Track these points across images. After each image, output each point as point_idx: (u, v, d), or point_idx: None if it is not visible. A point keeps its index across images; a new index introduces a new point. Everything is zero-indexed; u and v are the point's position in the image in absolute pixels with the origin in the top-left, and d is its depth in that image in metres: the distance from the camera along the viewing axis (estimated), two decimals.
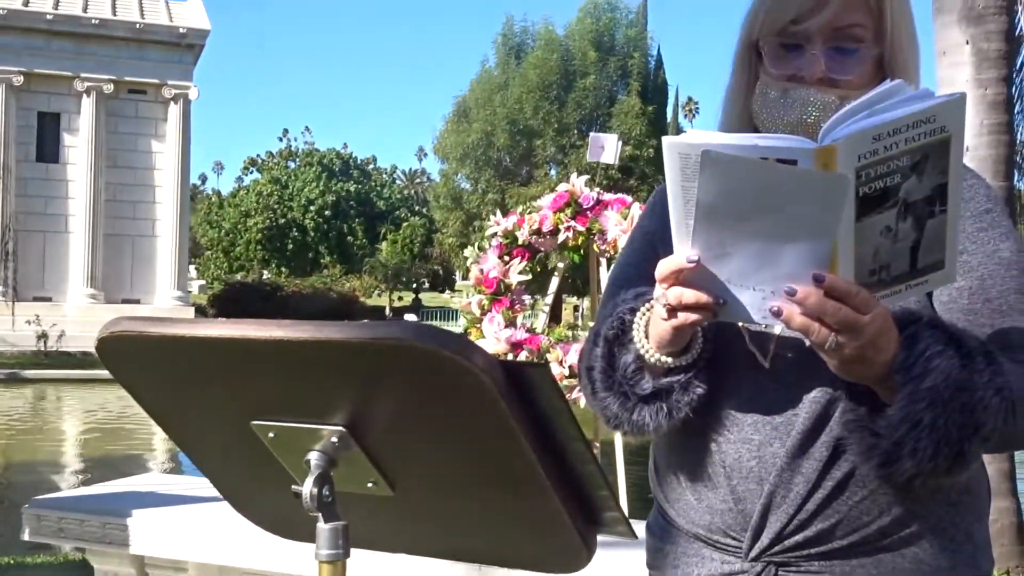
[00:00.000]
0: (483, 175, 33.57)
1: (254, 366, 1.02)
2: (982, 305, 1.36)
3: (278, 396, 1.06)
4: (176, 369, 1.07)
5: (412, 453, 1.08)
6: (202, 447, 1.22)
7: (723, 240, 1.18)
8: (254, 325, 0.98)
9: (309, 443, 1.07)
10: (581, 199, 4.66)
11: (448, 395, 0.97)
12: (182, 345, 1.02)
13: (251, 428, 1.09)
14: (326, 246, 57.33)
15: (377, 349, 0.94)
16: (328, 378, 1.01)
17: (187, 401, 1.12)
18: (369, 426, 1.05)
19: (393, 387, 1.00)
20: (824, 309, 1.16)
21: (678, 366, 1.33)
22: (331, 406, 1.04)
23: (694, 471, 1.42)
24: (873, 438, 1.24)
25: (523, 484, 1.04)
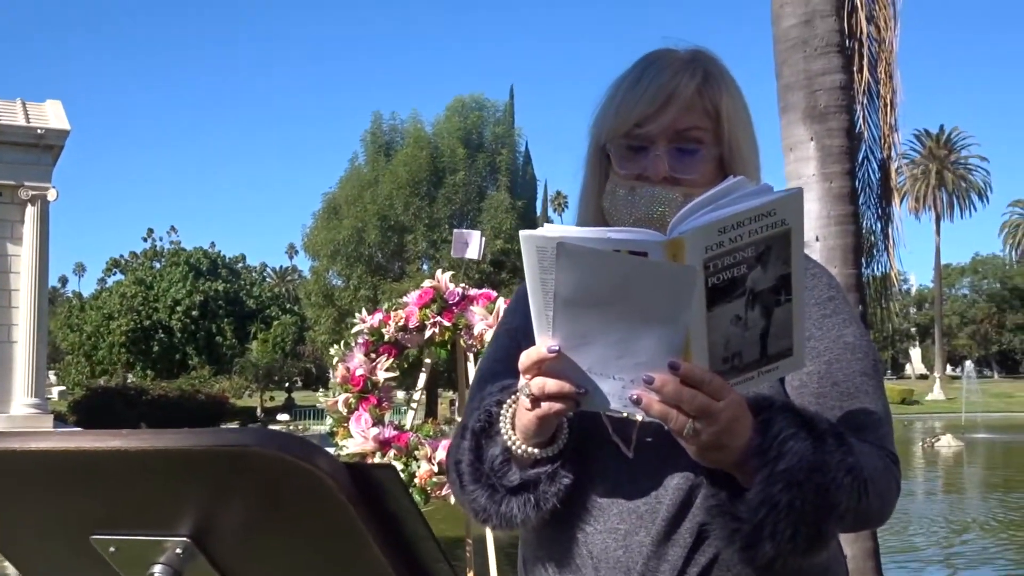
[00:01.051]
0: (355, 271, 33.46)
1: (92, 478, 0.99)
2: (830, 388, 1.43)
3: (119, 508, 1.03)
4: (8, 484, 1.03)
5: (261, 561, 1.05)
6: (37, 563, 1.17)
7: (582, 330, 1.21)
8: (91, 436, 0.96)
9: (153, 555, 1.03)
10: (447, 295, 4.70)
11: (294, 500, 0.96)
12: (14, 459, 0.98)
13: (91, 543, 1.05)
14: (194, 347, 55.87)
15: (219, 456, 0.93)
16: (170, 487, 0.98)
17: (21, 516, 1.08)
18: (215, 535, 1.02)
19: (238, 494, 0.98)
20: (680, 396, 1.20)
21: (544, 457, 1.35)
22: (175, 516, 1.01)
23: (561, 562, 1.42)
24: (734, 522, 1.27)
25: None
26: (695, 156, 1.44)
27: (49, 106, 28.69)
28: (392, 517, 0.99)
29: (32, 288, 27.27)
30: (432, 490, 4.30)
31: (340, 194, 34.54)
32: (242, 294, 61.26)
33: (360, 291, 32.29)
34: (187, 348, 55.85)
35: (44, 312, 28.05)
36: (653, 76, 1.44)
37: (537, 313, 1.25)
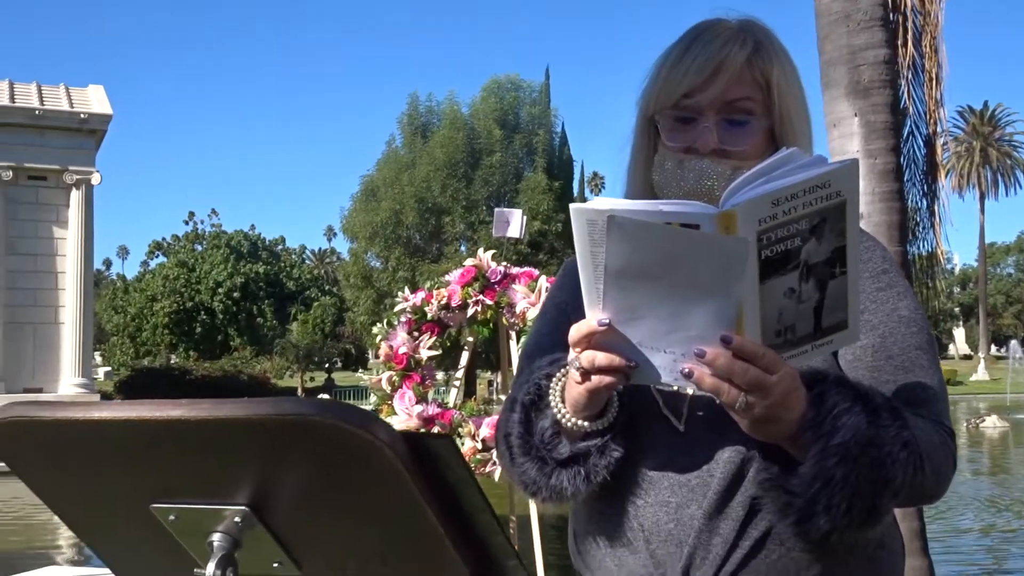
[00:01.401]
0: (393, 253, 33.56)
1: (152, 448, 1.00)
2: (885, 362, 1.41)
3: (178, 477, 1.04)
4: (72, 454, 1.05)
5: (318, 531, 1.06)
6: (101, 533, 1.19)
7: (633, 303, 1.20)
8: (151, 406, 0.97)
9: (211, 524, 1.05)
10: (488, 273, 4.69)
11: (351, 470, 0.97)
12: (77, 429, 1.00)
13: (151, 511, 1.06)
14: (235, 328, 56.38)
15: (277, 426, 0.94)
16: (229, 457, 0.99)
17: (84, 487, 1.09)
18: (273, 504, 1.03)
19: (295, 464, 0.99)
20: (732, 370, 1.19)
21: (594, 430, 1.35)
22: (233, 485, 1.03)
23: (613, 536, 1.42)
24: (787, 496, 1.26)
25: (431, 557, 1.04)
26: (744, 128, 1.43)
27: (92, 91, 28.97)
28: (449, 487, 1.00)
29: (78, 271, 27.65)
30: (476, 467, 4.31)
31: (378, 176, 34.61)
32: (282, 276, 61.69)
33: (398, 272, 32.39)
34: (229, 329, 56.36)
35: (90, 294, 28.43)
36: (702, 46, 1.42)
37: (587, 286, 1.24)
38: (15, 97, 27.87)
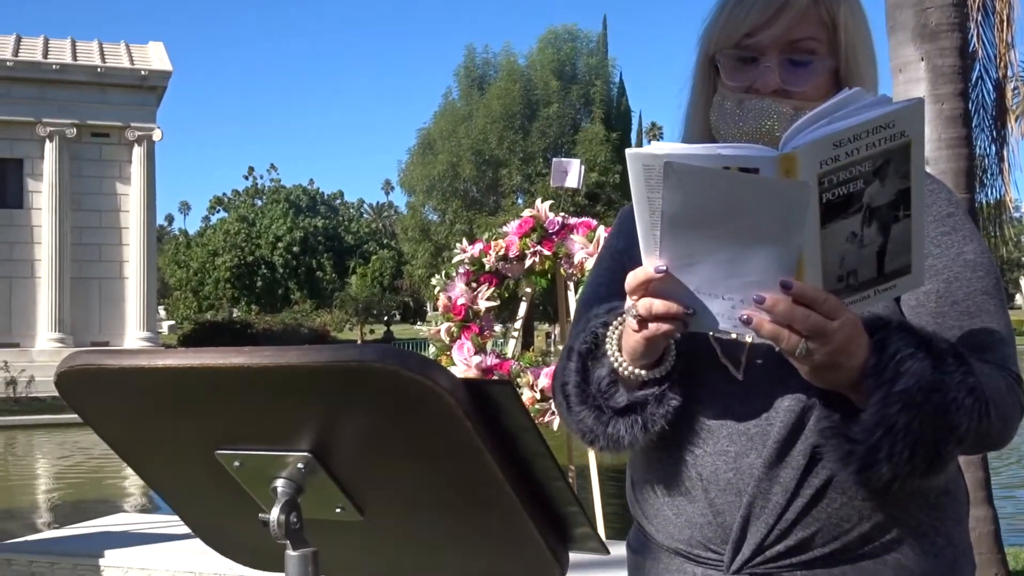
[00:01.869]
0: (450, 206, 33.59)
1: (216, 394, 1.02)
2: (950, 308, 1.38)
3: (242, 424, 1.05)
4: (137, 401, 1.06)
5: (379, 477, 1.07)
6: (167, 480, 1.21)
7: (690, 250, 1.18)
8: (214, 353, 0.98)
9: (275, 470, 1.06)
10: (546, 224, 4.68)
11: (412, 416, 0.97)
12: (142, 376, 1.01)
13: (216, 458, 1.08)
14: (295, 282, 57.04)
15: (339, 372, 0.94)
16: (292, 403, 1.00)
17: (150, 433, 1.11)
18: (335, 451, 1.04)
19: (357, 410, 0.99)
20: (793, 316, 1.17)
21: (652, 379, 1.34)
22: (296, 432, 1.04)
23: (671, 485, 1.41)
24: (849, 444, 1.24)
25: (492, 503, 1.04)
26: (807, 68, 1.39)
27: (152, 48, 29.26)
28: (508, 434, 1.00)
29: (141, 226, 28.11)
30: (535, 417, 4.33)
31: (435, 129, 34.57)
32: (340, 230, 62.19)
33: (456, 225, 32.44)
34: (289, 283, 57.04)
35: (153, 249, 28.91)
36: None
37: (644, 233, 1.22)
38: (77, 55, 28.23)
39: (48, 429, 20.20)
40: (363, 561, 1.24)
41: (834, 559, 1.33)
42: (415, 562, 1.21)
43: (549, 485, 1.05)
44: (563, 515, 1.08)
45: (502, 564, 1.15)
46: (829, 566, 1.33)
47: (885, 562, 1.34)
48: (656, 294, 1.22)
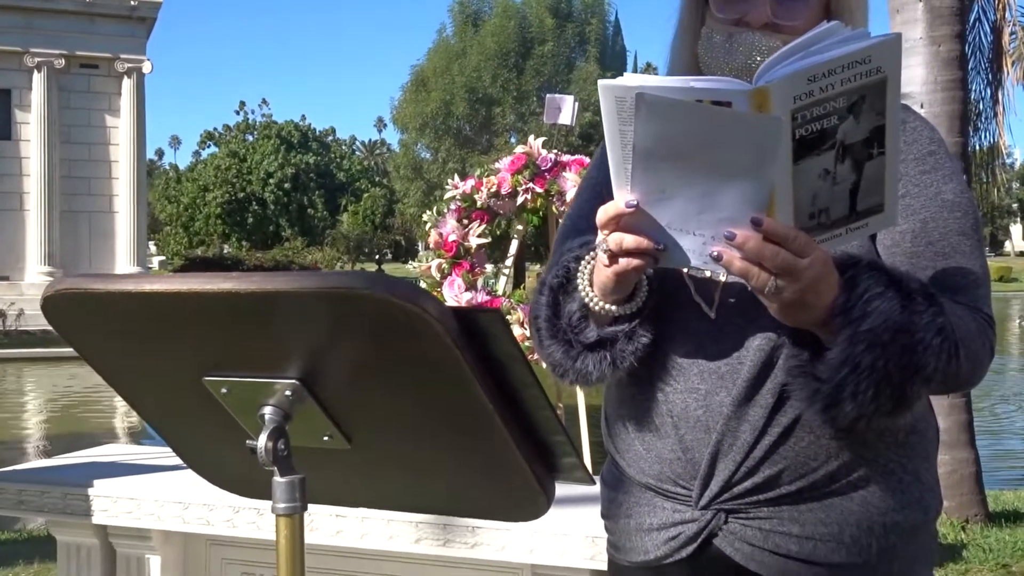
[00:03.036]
0: (443, 144, 33.41)
1: (203, 320, 1.01)
2: (925, 248, 1.37)
3: (229, 350, 1.05)
4: (124, 326, 1.06)
5: (367, 405, 1.07)
6: (155, 406, 1.21)
7: (662, 184, 1.17)
8: (202, 278, 0.97)
9: (262, 397, 1.06)
10: (539, 161, 4.65)
11: (401, 343, 0.97)
12: (129, 301, 1.01)
13: (203, 384, 1.07)
14: (286, 219, 56.83)
15: (328, 298, 0.93)
16: (279, 330, 1.00)
17: (137, 359, 1.11)
18: (323, 378, 1.04)
19: (345, 337, 0.99)
20: (763, 253, 1.16)
21: (622, 315, 1.34)
22: (284, 359, 1.03)
23: (642, 421, 1.42)
24: (815, 383, 1.25)
25: (479, 432, 1.04)
26: (800, 1, 1.37)
27: None
28: (497, 362, 1.00)
29: (131, 160, 27.88)
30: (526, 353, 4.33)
31: (428, 66, 34.24)
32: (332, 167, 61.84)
33: (448, 164, 32.27)
34: (280, 220, 56.86)
35: (143, 183, 28.72)
36: None
37: (615, 167, 1.21)
38: None
39: (38, 363, 20.25)
40: (351, 489, 1.24)
41: (801, 497, 1.35)
42: (402, 491, 1.22)
43: (536, 415, 1.05)
44: (550, 445, 1.09)
45: (489, 493, 1.16)
46: (796, 503, 1.35)
47: (852, 499, 1.35)
48: (627, 229, 1.22)
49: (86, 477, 3.37)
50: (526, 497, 1.12)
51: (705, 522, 1.37)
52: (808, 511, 1.35)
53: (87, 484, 3.31)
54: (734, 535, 1.37)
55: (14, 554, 5.42)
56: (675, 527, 1.40)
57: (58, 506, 3.30)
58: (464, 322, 0.96)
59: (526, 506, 1.14)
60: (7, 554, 5.44)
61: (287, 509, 1.06)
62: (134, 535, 3.36)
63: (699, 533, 1.38)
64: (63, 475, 3.43)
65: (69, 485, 3.33)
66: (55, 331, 1.08)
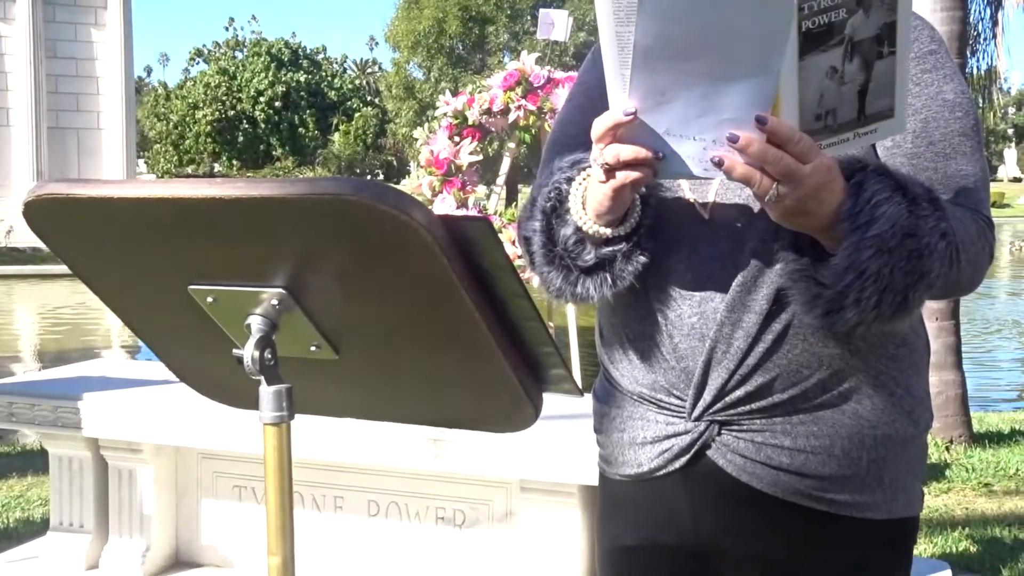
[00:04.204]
0: (435, 63, 33.06)
1: (188, 227, 1.00)
2: (925, 148, 1.35)
3: (215, 259, 1.04)
4: (107, 233, 1.04)
5: (355, 314, 1.06)
6: (140, 315, 1.20)
7: (662, 85, 1.13)
8: (186, 184, 0.95)
9: (249, 307, 1.05)
10: (532, 78, 4.59)
11: (388, 252, 0.96)
12: (113, 207, 0.99)
13: (189, 293, 1.06)
14: (277, 138, 56.36)
15: (314, 205, 0.92)
16: (265, 238, 0.98)
17: (121, 266, 1.10)
18: (310, 287, 1.03)
19: (332, 245, 0.98)
20: (766, 157, 1.14)
21: (617, 236, 1.31)
22: (270, 267, 1.02)
23: (636, 330, 1.41)
24: (817, 287, 1.23)
25: (467, 342, 1.04)
26: None
27: None
28: (485, 272, 0.98)
29: (120, 75, 27.51)
30: None
31: None
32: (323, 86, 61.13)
33: (441, 83, 31.96)
34: (271, 139, 56.39)
35: (131, 100, 28.38)
36: None
37: (612, 74, 1.17)
38: None
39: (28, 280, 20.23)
40: (338, 400, 1.24)
41: (792, 407, 1.34)
42: (390, 402, 1.22)
43: (524, 325, 1.04)
44: (538, 356, 1.08)
45: (477, 404, 1.16)
46: (788, 414, 1.35)
47: (843, 412, 1.35)
48: (624, 140, 1.18)
49: (77, 391, 3.39)
50: (514, 408, 1.12)
51: (698, 434, 1.37)
52: (800, 424, 1.35)
53: (77, 397, 3.33)
54: (727, 447, 1.37)
55: (7, 467, 5.47)
56: (668, 440, 1.40)
57: (49, 419, 3.32)
58: (452, 230, 0.94)
59: (514, 417, 1.14)
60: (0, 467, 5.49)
61: (274, 418, 1.06)
62: (125, 448, 3.39)
63: (692, 444, 1.38)
64: (54, 388, 3.45)
65: (60, 398, 3.34)
66: (38, 237, 1.07)
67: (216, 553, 3.50)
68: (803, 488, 1.36)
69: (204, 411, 3.12)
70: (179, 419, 3.21)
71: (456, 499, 3.16)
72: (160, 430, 3.26)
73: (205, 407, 3.13)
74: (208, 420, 3.14)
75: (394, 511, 3.24)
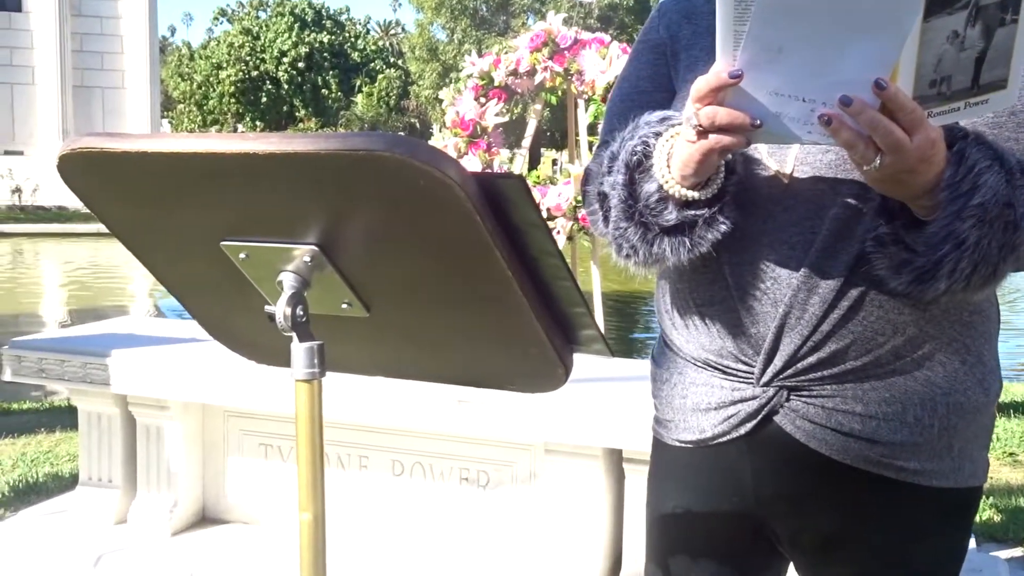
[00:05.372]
0: (459, 25, 32.87)
1: (221, 182, 1.00)
2: (1007, 118, 1.31)
3: (248, 214, 1.04)
4: (141, 187, 1.04)
5: (386, 272, 1.06)
6: (173, 272, 1.20)
7: (780, 41, 1.08)
8: (220, 139, 0.95)
9: (281, 263, 1.05)
10: (558, 39, 4.55)
11: (421, 208, 0.95)
12: (146, 161, 0.99)
13: (221, 249, 1.07)
14: (300, 99, 56.26)
15: (347, 160, 0.92)
16: (298, 193, 0.98)
17: (155, 221, 1.10)
18: (342, 244, 1.03)
19: (364, 201, 0.97)
20: (876, 126, 1.10)
21: (700, 199, 1.27)
22: (302, 223, 1.02)
23: (705, 294, 1.39)
24: (907, 253, 1.20)
25: (498, 300, 1.03)
26: None
27: None
28: (517, 230, 0.98)
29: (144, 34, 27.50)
30: None
31: None
32: (347, 47, 60.88)
33: (464, 45, 31.79)
34: (294, 100, 56.31)
35: (155, 59, 28.39)
36: None
37: (724, 29, 1.11)
38: None
39: (54, 238, 20.38)
40: (368, 358, 1.25)
41: (865, 373, 1.32)
42: (419, 360, 1.22)
43: (556, 284, 1.04)
44: (569, 316, 1.08)
45: (507, 364, 1.16)
46: (860, 380, 1.32)
47: (915, 378, 1.33)
48: (723, 103, 1.15)
49: (105, 347, 3.42)
50: (544, 368, 1.12)
51: (767, 399, 1.35)
52: (872, 390, 1.32)
53: (106, 354, 3.36)
54: (795, 412, 1.34)
55: (36, 423, 5.54)
56: (734, 405, 1.38)
57: (78, 375, 3.35)
58: (485, 187, 0.94)
59: (544, 377, 1.14)
60: (29, 423, 5.56)
61: (307, 375, 1.06)
62: (153, 405, 3.42)
63: (759, 410, 1.36)
64: (82, 344, 3.48)
65: (88, 354, 3.37)
66: (71, 191, 1.07)
67: (242, 510, 3.54)
68: (873, 455, 1.34)
69: (231, 369, 3.14)
70: (206, 377, 3.23)
71: (480, 460, 3.17)
72: (187, 387, 3.28)
73: (232, 365, 3.16)
74: (235, 378, 3.16)
75: (418, 471, 3.26)
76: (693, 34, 1.43)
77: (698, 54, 1.40)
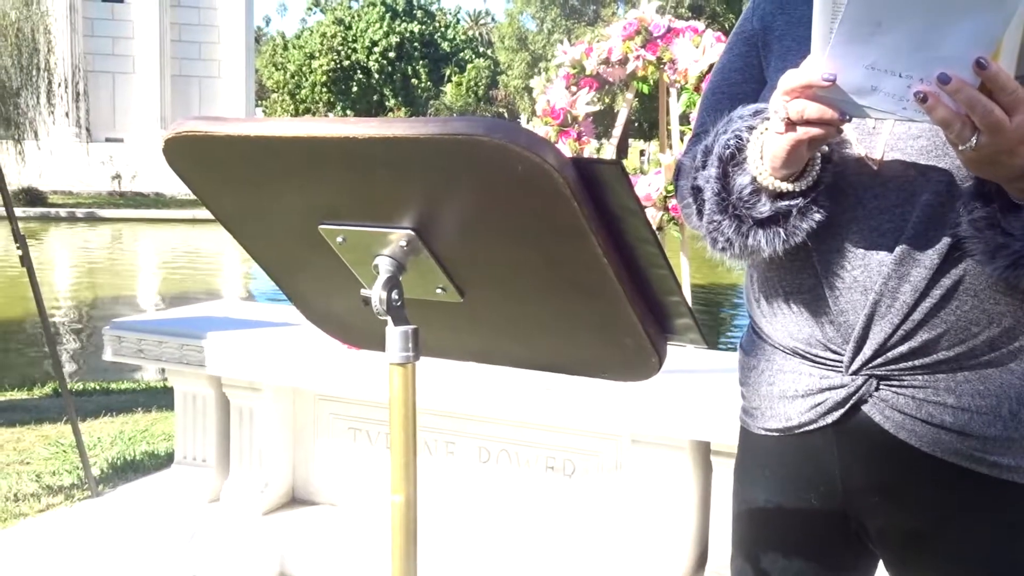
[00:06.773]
0: (549, 14, 32.81)
1: (321, 166, 1.01)
2: None
3: (346, 198, 1.05)
4: (243, 170, 1.06)
5: (481, 257, 1.06)
6: (271, 253, 1.22)
7: (879, 15, 1.06)
8: (320, 123, 0.96)
9: (378, 247, 1.06)
10: (651, 27, 4.51)
11: (518, 193, 0.95)
12: (248, 145, 1.01)
13: (319, 232, 1.08)
14: (390, 89, 56.79)
15: (445, 145, 0.92)
16: (396, 178, 0.99)
17: (255, 204, 1.12)
18: (438, 229, 1.03)
19: (462, 186, 0.97)
20: (975, 106, 1.07)
21: (793, 191, 1.26)
22: (400, 208, 1.03)
23: (794, 282, 1.37)
24: (1004, 238, 1.17)
25: (594, 288, 1.03)
26: None
27: None
28: (614, 216, 0.97)
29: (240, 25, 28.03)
30: None
31: None
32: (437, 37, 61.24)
33: (554, 35, 31.74)
34: (384, 89, 56.86)
35: (250, 49, 28.93)
36: None
37: (821, 22, 1.10)
38: None
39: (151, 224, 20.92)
40: (461, 343, 1.25)
41: (958, 364, 1.28)
42: (512, 346, 1.22)
43: (651, 272, 1.02)
44: (664, 304, 1.06)
45: (601, 351, 1.15)
46: (952, 371, 1.29)
47: (1011, 371, 1.29)
48: (815, 99, 1.14)
49: (201, 329, 3.50)
50: (638, 356, 1.11)
51: (855, 388, 1.33)
52: (965, 382, 1.29)
53: (202, 336, 3.43)
54: (885, 402, 1.32)
55: (133, 402, 5.70)
56: (822, 393, 1.35)
57: (175, 356, 3.44)
58: (583, 173, 0.93)
59: (637, 366, 1.13)
60: (127, 402, 5.73)
61: (401, 358, 1.06)
62: (246, 387, 3.49)
63: (848, 399, 1.33)
64: (180, 327, 3.56)
65: (185, 336, 3.45)
66: (175, 174, 1.09)
67: (330, 492, 3.59)
68: (964, 448, 1.30)
69: (322, 354, 3.19)
70: (298, 361, 3.29)
71: (566, 449, 3.17)
72: (280, 371, 3.34)
73: (323, 350, 3.21)
74: (326, 363, 3.21)
75: (504, 458, 3.27)
76: (787, 23, 1.41)
77: (791, 44, 1.38)
